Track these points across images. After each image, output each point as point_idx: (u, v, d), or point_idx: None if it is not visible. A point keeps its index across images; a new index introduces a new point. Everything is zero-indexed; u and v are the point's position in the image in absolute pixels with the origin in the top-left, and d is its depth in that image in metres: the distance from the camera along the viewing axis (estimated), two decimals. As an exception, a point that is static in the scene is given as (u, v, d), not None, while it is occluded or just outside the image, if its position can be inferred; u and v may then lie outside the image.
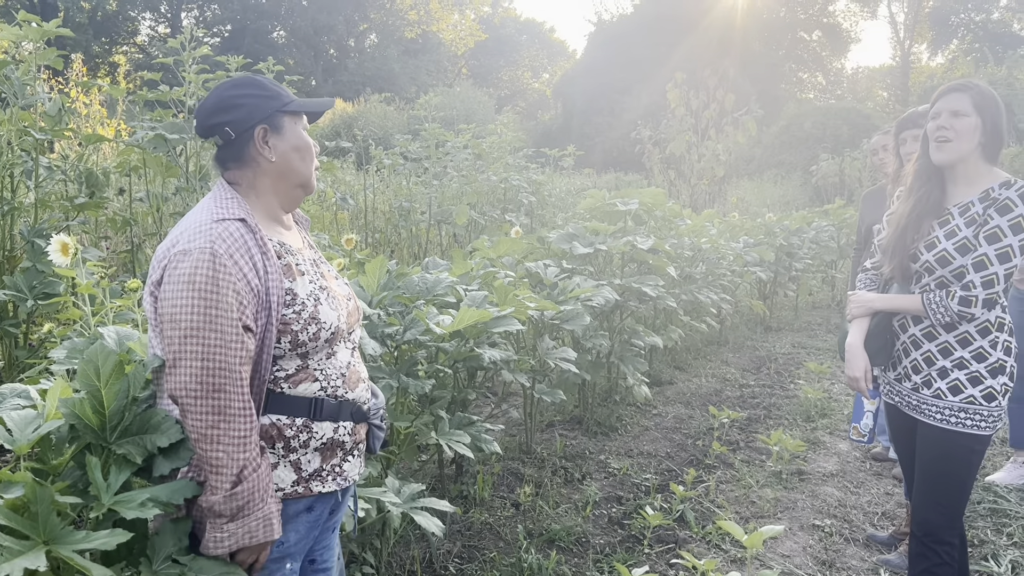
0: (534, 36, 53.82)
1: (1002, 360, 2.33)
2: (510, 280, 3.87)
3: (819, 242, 9.43)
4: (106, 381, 1.70)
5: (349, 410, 1.74)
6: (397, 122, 21.41)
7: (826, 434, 4.97)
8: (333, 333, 1.69)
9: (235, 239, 1.57)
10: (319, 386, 1.69)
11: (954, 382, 2.35)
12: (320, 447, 1.69)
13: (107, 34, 39.19)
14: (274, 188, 1.73)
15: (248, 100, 1.67)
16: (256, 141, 1.67)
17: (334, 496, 1.76)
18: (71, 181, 4.63)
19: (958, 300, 2.28)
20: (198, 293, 1.51)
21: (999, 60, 26.63)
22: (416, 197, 7.49)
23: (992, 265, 2.24)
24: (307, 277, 1.70)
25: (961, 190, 2.38)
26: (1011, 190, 2.25)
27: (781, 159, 22.65)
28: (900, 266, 2.45)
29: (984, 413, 2.33)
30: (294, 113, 1.73)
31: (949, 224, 2.34)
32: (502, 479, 4.02)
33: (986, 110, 2.28)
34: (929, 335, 2.40)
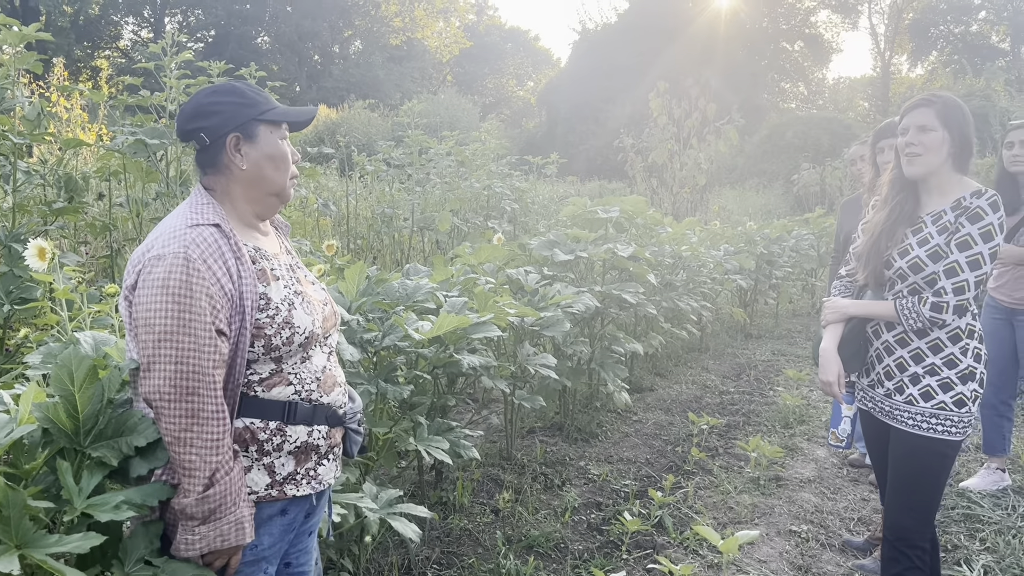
0: (519, 44, 53.96)
1: (972, 367, 2.37)
2: (490, 286, 3.88)
3: (799, 250, 9.52)
4: (80, 385, 1.70)
5: (324, 414, 1.75)
6: (381, 128, 21.39)
7: (804, 440, 5.02)
8: (307, 338, 1.70)
9: (209, 244, 1.59)
10: (293, 390, 1.70)
11: (926, 388, 2.39)
12: (294, 451, 1.70)
13: (89, 38, 38.96)
14: (246, 195, 1.73)
15: (225, 107, 1.68)
16: (228, 149, 1.69)
17: (308, 500, 1.76)
18: (50, 186, 4.60)
19: (930, 306, 2.32)
20: (172, 297, 1.52)
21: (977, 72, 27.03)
22: (399, 203, 7.50)
23: (963, 272, 2.28)
24: (282, 282, 1.71)
25: (934, 200, 2.42)
26: (982, 199, 2.29)
27: (763, 168, 22.84)
28: (874, 273, 2.49)
29: (955, 419, 2.36)
30: (272, 122, 1.72)
31: (922, 232, 2.38)
32: (482, 485, 4.03)
33: (952, 122, 2.32)
34: (901, 341, 2.44)
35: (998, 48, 37.46)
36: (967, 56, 35.89)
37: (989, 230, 2.26)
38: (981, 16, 39.13)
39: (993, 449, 4.16)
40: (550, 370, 3.91)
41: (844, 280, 2.71)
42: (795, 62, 41.13)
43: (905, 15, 39.64)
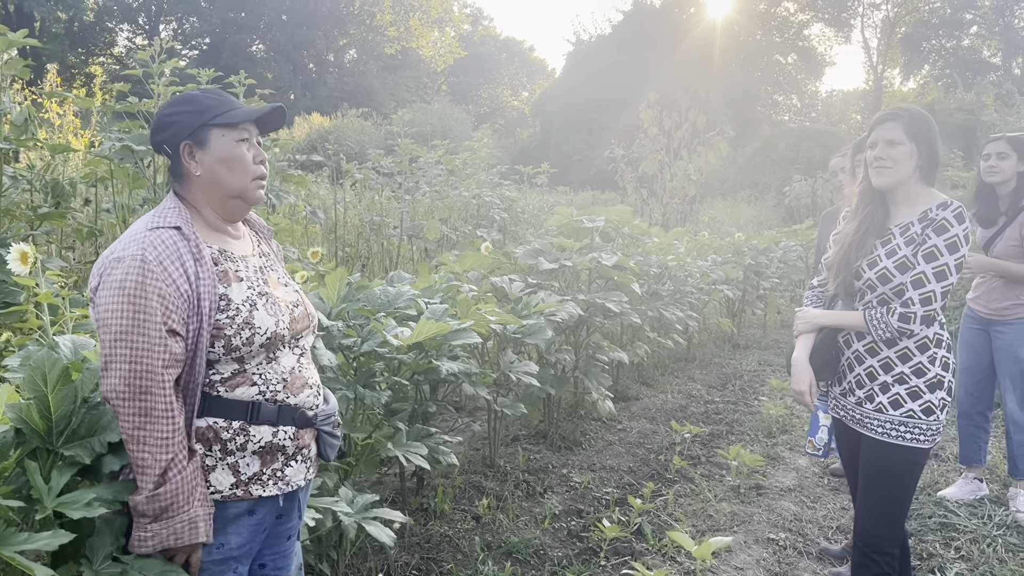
0: (514, 55, 54.20)
1: (940, 375, 2.41)
2: (473, 294, 3.91)
3: (787, 261, 9.58)
4: (53, 387, 1.73)
5: (291, 415, 1.76)
6: (374, 137, 21.44)
7: (786, 450, 5.05)
8: (269, 339, 1.72)
9: (167, 246, 1.62)
10: (257, 390, 1.72)
11: (895, 396, 2.42)
12: (258, 450, 1.72)
13: (84, 45, 39.01)
14: (208, 200, 1.76)
15: (178, 118, 1.73)
16: (183, 157, 1.72)
17: (276, 501, 1.78)
18: (37, 191, 4.62)
19: (898, 317, 2.35)
20: (127, 299, 1.56)
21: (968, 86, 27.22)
22: (388, 212, 7.53)
23: (929, 283, 2.32)
24: (245, 283, 1.73)
25: (902, 211, 2.46)
26: (947, 211, 2.34)
27: (755, 180, 22.94)
28: (844, 283, 2.53)
29: (923, 427, 2.40)
30: (225, 125, 1.74)
31: (890, 243, 2.42)
32: (464, 492, 4.04)
33: (920, 135, 2.36)
34: (871, 351, 2.48)
35: (989, 63, 37.75)
36: (958, 70, 36.19)
37: (954, 241, 2.30)
38: (973, 31, 39.47)
39: (969, 460, 4.19)
40: (532, 377, 3.93)
41: (816, 290, 2.75)
42: (788, 75, 41.43)
43: (898, 29, 39.95)
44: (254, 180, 1.78)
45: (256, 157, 1.78)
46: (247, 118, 1.77)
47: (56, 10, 34.64)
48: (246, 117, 1.77)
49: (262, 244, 1.96)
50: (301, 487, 1.83)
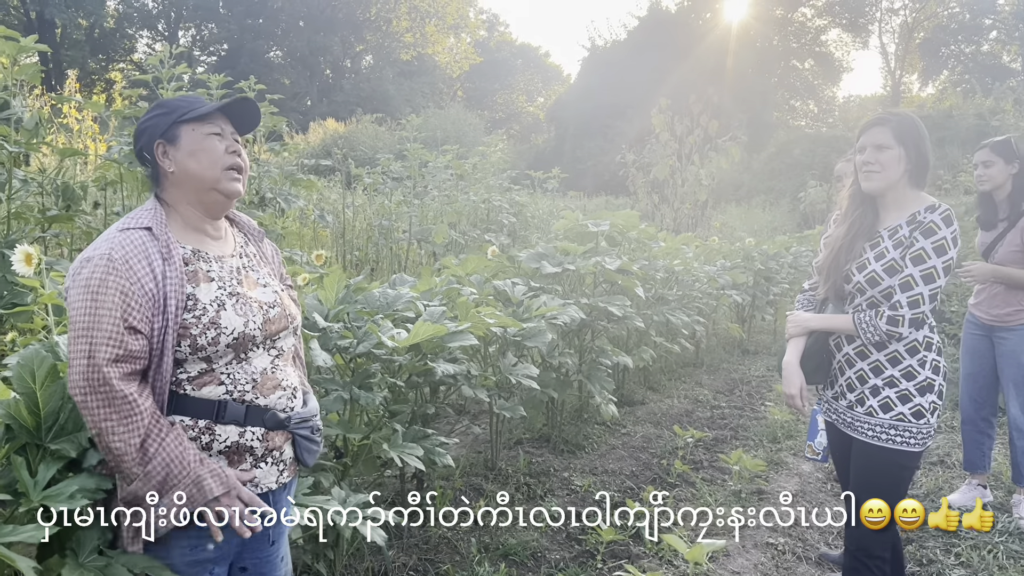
0: (529, 60, 54.30)
1: (930, 379, 2.40)
2: (474, 297, 3.93)
3: (798, 267, 9.53)
4: (41, 383, 1.77)
5: (260, 416, 1.78)
6: (387, 142, 21.54)
7: (790, 455, 5.03)
8: (236, 339, 1.74)
9: (135, 246, 1.67)
10: (224, 389, 1.74)
11: (885, 400, 2.42)
12: (225, 450, 1.74)
13: (104, 51, 39.46)
14: (185, 198, 1.80)
15: (151, 122, 1.80)
16: (158, 157, 1.78)
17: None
18: (47, 194, 4.69)
19: (886, 320, 2.35)
20: (90, 295, 1.60)
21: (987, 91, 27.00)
22: (397, 216, 7.57)
23: (917, 286, 2.32)
24: (215, 284, 1.76)
25: (891, 214, 2.46)
26: (935, 214, 2.34)
27: (770, 185, 22.85)
28: (834, 287, 2.53)
29: (913, 430, 2.39)
30: (195, 120, 1.78)
31: (879, 246, 2.43)
32: (463, 494, 4.06)
33: (908, 139, 2.37)
34: (861, 354, 2.48)
35: (1009, 68, 37.40)
36: (977, 75, 35.87)
37: (942, 244, 2.30)
38: (992, 36, 39.12)
39: (973, 466, 4.17)
40: (532, 380, 3.94)
41: (807, 294, 2.75)
42: (805, 80, 41.20)
43: (916, 35, 39.68)
44: (226, 170, 1.80)
45: (228, 148, 1.81)
46: (212, 109, 1.81)
47: (77, 17, 35.06)
48: (212, 108, 1.81)
49: (248, 245, 1.98)
50: (272, 490, 1.83)
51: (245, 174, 1.86)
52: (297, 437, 1.88)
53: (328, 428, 2.86)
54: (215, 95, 5.26)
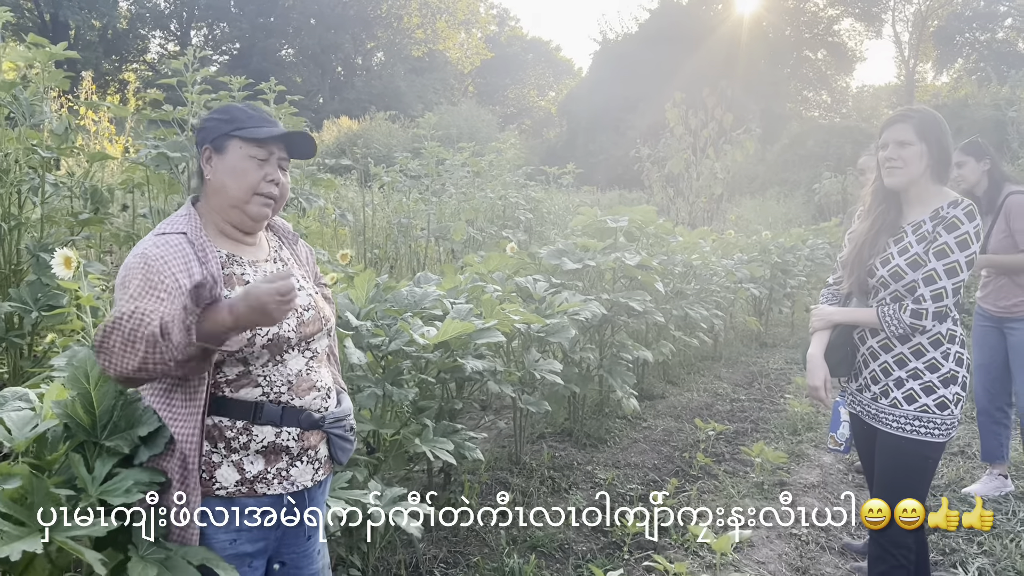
0: (540, 55, 54.23)
1: (954, 371, 2.45)
2: (498, 294, 3.99)
3: (814, 259, 9.55)
4: (95, 383, 1.84)
5: (295, 416, 1.83)
6: (401, 140, 21.64)
7: (811, 447, 5.07)
8: (271, 340, 1.78)
9: (171, 248, 1.75)
10: (261, 391, 1.79)
11: (909, 392, 2.47)
12: (262, 450, 1.79)
13: (117, 52, 39.72)
14: (214, 205, 1.86)
15: (210, 124, 1.85)
16: (203, 160, 1.85)
17: (282, 499, 1.83)
18: (76, 197, 4.78)
19: (910, 313, 2.40)
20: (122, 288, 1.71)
21: (1003, 79, 26.79)
22: (415, 214, 7.64)
23: (941, 280, 2.37)
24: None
25: (915, 210, 2.51)
26: (958, 209, 2.38)
27: (785, 177, 22.77)
28: (858, 281, 2.57)
29: (937, 421, 2.44)
30: (246, 140, 1.81)
31: (903, 241, 2.47)
32: (490, 488, 4.13)
33: (930, 135, 2.41)
34: (885, 347, 2.52)
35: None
36: (992, 63, 35.57)
37: (965, 239, 2.35)
38: (1007, 23, 38.73)
39: (991, 456, 4.20)
40: (556, 376, 4.01)
41: (831, 288, 2.80)
42: (818, 70, 40.96)
43: (930, 23, 39.37)
44: (256, 195, 1.82)
45: (268, 176, 1.83)
46: (267, 135, 1.82)
47: (90, 18, 35.32)
48: (266, 135, 1.82)
49: (282, 249, 2.02)
50: (308, 487, 1.88)
51: (280, 202, 1.88)
52: (332, 436, 1.92)
53: (361, 424, 2.94)
54: (237, 97, 5.35)
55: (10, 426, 1.82)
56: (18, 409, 1.93)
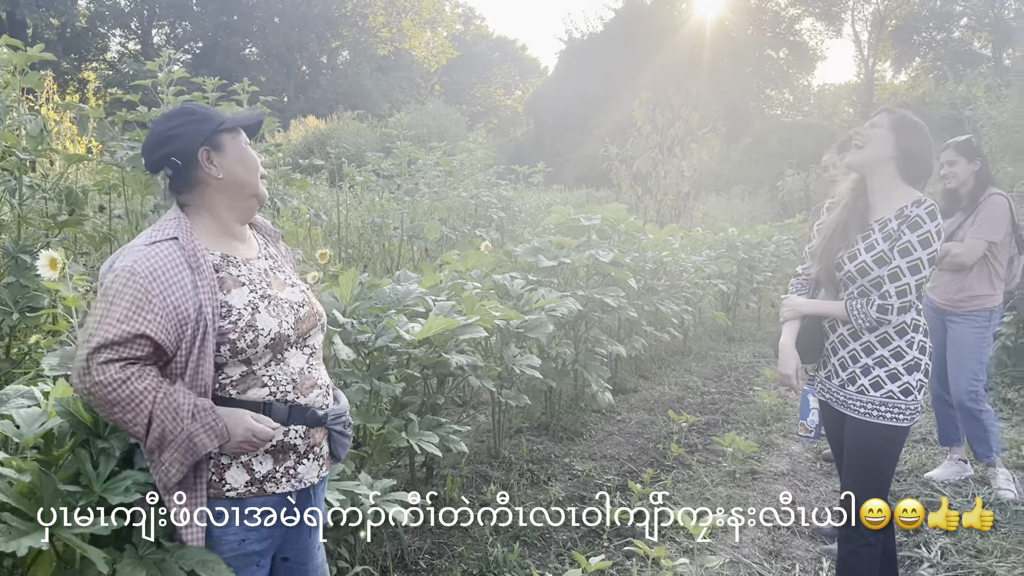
0: (506, 54, 54.29)
1: (917, 358, 2.58)
2: (477, 291, 4.08)
3: (780, 255, 9.76)
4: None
5: (301, 415, 1.86)
6: (370, 139, 21.59)
7: (780, 437, 5.23)
8: (273, 339, 1.82)
9: (163, 258, 1.73)
10: (268, 391, 1.83)
11: (875, 378, 2.60)
12: (271, 450, 1.82)
13: (76, 50, 39.01)
14: (227, 203, 1.89)
15: (183, 128, 1.84)
16: (202, 163, 1.83)
17: (286, 498, 1.87)
18: (52, 199, 4.77)
19: (876, 308, 2.53)
20: (105, 303, 1.69)
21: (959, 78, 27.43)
22: (388, 213, 7.69)
23: (904, 276, 2.50)
24: (246, 288, 1.84)
25: (882, 206, 2.64)
26: (920, 208, 2.52)
27: (749, 175, 23.13)
28: (826, 271, 2.70)
29: (902, 407, 2.58)
30: (231, 130, 1.89)
31: (870, 238, 2.60)
32: (471, 481, 4.22)
33: (901, 130, 2.55)
34: (854, 335, 2.65)
35: (980, 54, 37.94)
36: (949, 62, 36.35)
37: (927, 237, 2.49)
38: (963, 23, 39.63)
39: (949, 440, 4.39)
40: (535, 370, 4.11)
41: (800, 278, 2.93)
42: (780, 69, 41.56)
43: (888, 22, 40.12)
44: (261, 177, 1.93)
45: (257, 158, 1.95)
46: (249, 120, 1.94)
47: (48, 16, 34.66)
48: (248, 120, 1.94)
49: (269, 247, 2.06)
50: (314, 484, 1.93)
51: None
52: (332, 432, 1.97)
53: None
54: (211, 98, 5.37)
55: (19, 422, 1.87)
56: (23, 406, 1.97)
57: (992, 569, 3.36)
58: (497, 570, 3.28)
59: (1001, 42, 36.79)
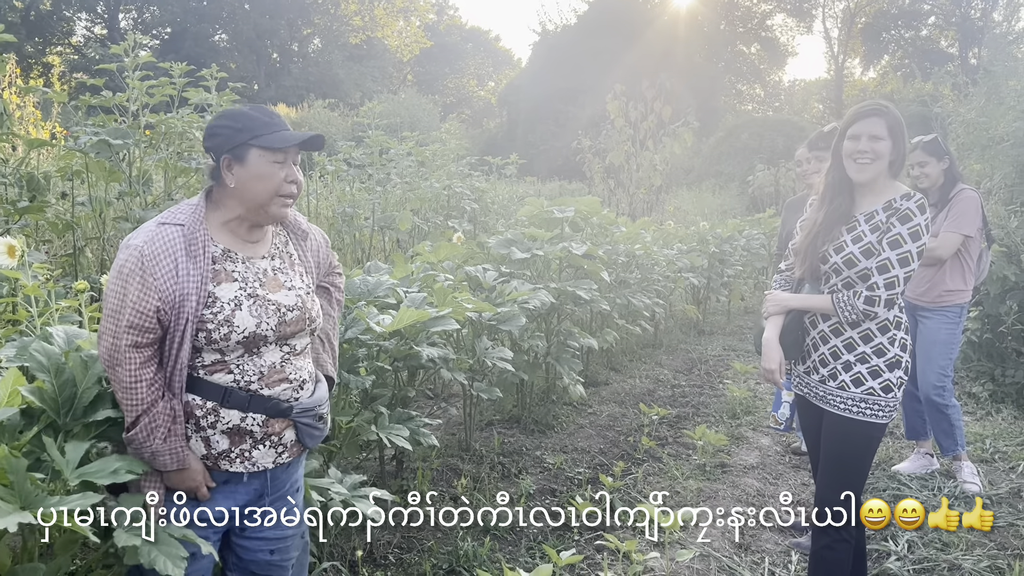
0: (479, 44, 54.07)
1: (898, 356, 2.59)
2: (449, 283, 4.04)
3: (750, 249, 9.82)
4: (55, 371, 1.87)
5: (262, 404, 1.94)
6: (341, 128, 21.41)
7: (749, 430, 5.26)
8: (247, 338, 1.90)
9: (165, 243, 1.84)
10: (232, 378, 1.92)
11: (856, 375, 2.60)
12: (227, 431, 1.92)
13: (41, 34, 38.17)
14: (238, 210, 1.93)
15: (222, 131, 1.91)
16: (223, 168, 1.91)
17: (239, 476, 1.98)
18: (12, 185, 4.65)
19: (863, 300, 2.53)
20: (121, 281, 1.80)
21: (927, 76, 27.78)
22: (360, 203, 7.60)
23: (894, 268, 2.50)
24: (236, 284, 1.91)
25: (868, 200, 2.64)
26: (911, 202, 2.52)
27: (720, 169, 23.28)
28: (811, 267, 2.69)
29: (882, 403, 2.58)
30: (267, 149, 1.89)
31: (856, 230, 2.60)
32: (441, 474, 4.18)
33: (896, 133, 2.55)
34: (836, 331, 2.65)
35: (947, 53, 38.47)
36: (917, 60, 36.83)
37: (917, 230, 2.49)
38: (931, 21, 40.17)
39: (916, 434, 4.44)
40: (507, 363, 4.07)
41: (784, 274, 2.92)
42: (752, 65, 41.89)
43: (858, 20, 40.54)
44: (278, 197, 1.93)
45: (287, 177, 1.92)
46: (286, 144, 1.91)
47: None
48: (286, 143, 1.90)
49: (289, 245, 2.09)
50: (268, 468, 1.99)
51: (296, 197, 1.99)
52: (299, 424, 2.02)
53: (318, 412, 2.96)
54: (178, 84, 5.26)
55: (-29, 414, 1.80)
56: (-26, 398, 1.90)
57: (958, 562, 3.39)
58: (467, 564, 3.26)
59: (967, 41, 37.37)
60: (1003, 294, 5.79)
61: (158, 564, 1.65)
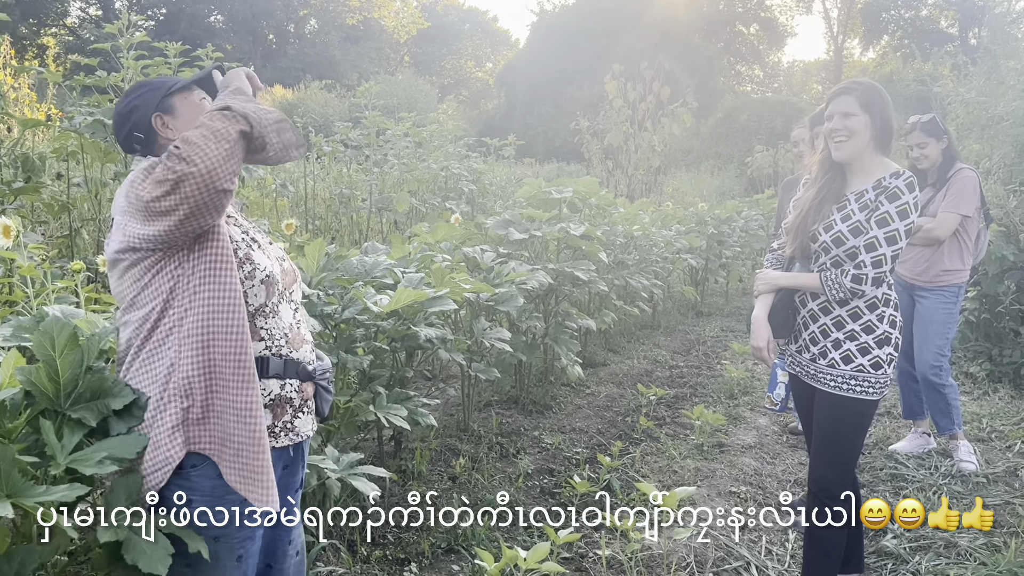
0: (477, 25, 53.71)
1: (888, 332, 2.59)
2: (447, 263, 4.03)
3: (748, 231, 9.81)
4: (60, 351, 1.83)
5: (295, 369, 1.90)
6: (338, 109, 21.31)
7: (747, 410, 5.27)
8: (268, 275, 1.85)
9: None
10: (264, 345, 1.86)
11: (846, 352, 2.60)
12: (270, 403, 1.87)
13: (35, 15, 37.86)
14: None
15: (137, 101, 1.88)
16: (157, 129, 1.87)
17: (287, 451, 1.93)
18: (7, 166, 4.63)
19: (851, 278, 2.53)
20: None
21: (926, 56, 27.65)
22: (357, 184, 7.58)
23: (881, 247, 2.50)
24: (239, 229, 1.90)
25: (858, 179, 2.63)
26: (899, 180, 2.51)
27: (718, 150, 23.21)
28: (801, 246, 2.69)
29: (872, 380, 2.59)
30: (183, 90, 1.90)
31: (845, 209, 2.59)
32: (440, 454, 4.19)
33: (873, 106, 2.52)
34: (825, 309, 2.65)
35: (947, 33, 38.26)
36: (916, 41, 36.62)
37: (905, 208, 2.48)
38: (931, 1, 39.92)
39: (913, 414, 4.46)
40: (505, 343, 4.08)
41: (775, 253, 2.92)
42: (751, 45, 41.66)
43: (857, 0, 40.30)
44: None
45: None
46: (199, 78, 1.94)
47: (5, -21, 33.55)
48: (199, 77, 1.94)
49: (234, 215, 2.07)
50: (309, 437, 1.98)
51: None
52: (319, 388, 2.01)
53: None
54: (173, 64, 5.22)
55: (-32, 394, 1.80)
56: (-26, 378, 1.90)
57: (954, 540, 3.41)
58: (466, 543, 3.27)
59: (967, 21, 37.15)
60: (1001, 274, 5.79)
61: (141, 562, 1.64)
